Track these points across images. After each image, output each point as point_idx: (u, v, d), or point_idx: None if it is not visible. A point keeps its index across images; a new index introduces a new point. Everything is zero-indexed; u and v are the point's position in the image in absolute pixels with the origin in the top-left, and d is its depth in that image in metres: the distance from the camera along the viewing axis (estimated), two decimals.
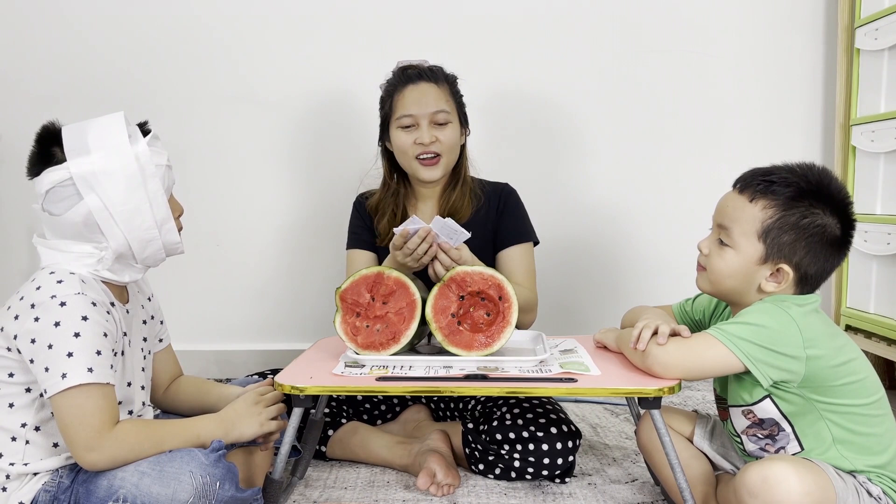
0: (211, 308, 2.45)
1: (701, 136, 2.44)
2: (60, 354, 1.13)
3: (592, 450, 1.78)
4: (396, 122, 1.72)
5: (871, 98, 2.18)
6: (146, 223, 1.23)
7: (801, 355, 1.15)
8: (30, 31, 2.35)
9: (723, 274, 1.24)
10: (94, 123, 1.24)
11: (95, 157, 1.20)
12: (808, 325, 1.17)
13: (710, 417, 1.42)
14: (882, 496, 1.16)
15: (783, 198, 1.18)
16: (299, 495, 1.51)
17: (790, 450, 1.22)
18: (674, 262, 2.38)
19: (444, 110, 1.71)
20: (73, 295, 1.16)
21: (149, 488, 1.13)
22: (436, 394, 1.27)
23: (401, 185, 1.82)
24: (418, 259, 1.50)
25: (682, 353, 1.22)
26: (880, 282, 2.13)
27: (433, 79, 1.73)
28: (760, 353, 1.16)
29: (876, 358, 2.26)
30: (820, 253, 1.19)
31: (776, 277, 1.21)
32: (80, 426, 1.13)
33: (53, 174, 1.20)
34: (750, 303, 1.23)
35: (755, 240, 1.20)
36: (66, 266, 1.21)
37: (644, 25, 2.40)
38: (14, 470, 1.19)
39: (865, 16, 2.19)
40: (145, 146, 1.23)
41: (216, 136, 2.40)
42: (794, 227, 1.18)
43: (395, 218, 1.78)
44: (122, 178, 1.20)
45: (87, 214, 1.20)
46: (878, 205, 2.15)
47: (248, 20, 2.37)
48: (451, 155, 1.74)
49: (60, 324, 1.14)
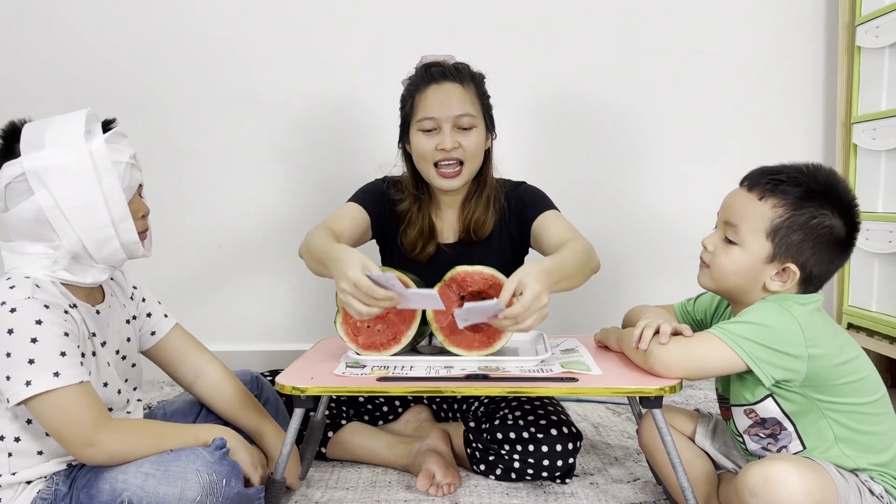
0: (211, 309, 2.45)
1: (701, 135, 2.44)
2: (21, 362, 1.10)
3: (594, 449, 1.78)
4: (417, 124, 1.60)
5: (872, 96, 2.18)
6: (101, 221, 1.19)
7: (803, 354, 1.15)
8: (28, 32, 2.35)
9: (728, 271, 1.23)
10: (54, 120, 1.21)
11: (49, 151, 1.17)
12: (810, 325, 1.16)
13: (711, 416, 1.41)
14: (884, 494, 1.16)
15: (793, 197, 1.17)
16: (301, 496, 1.51)
17: (792, 448, 1.22)
18: (676, 261, 2.38)
19: (469, 114, 1.58)
20: (24, 300, 1.13)
21: (155, 489, 1.12)
22: (437, 394, 1.27)
23: (423, 192, 1.70)
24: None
25: (683, 353, 1.22)
26: (882, 280, 2.13)
27: (458, 78, 1.60)
28: (763, 353, 1.15)
29: (878, 356, 2.25)
30: (826, 253, 1.19)
31: (782, 277, 1.21)
32: (70, 427, 1.12)
33: (9, 169, 1.18)
34: (752, 301, 1.23)
35: (763, 238, 1.19)
36: (23, 270, 1.18)
37: (642, 25, 2.40)
38: (3, 480, 1.17)
39: (866, 13, 2.18)
40: (101, 142, 1.19)
41: (217, 136, 2.40)
42: (804, 227, 1.17)
43: (423, 232, 1.67)
44: (76, 174, 1.17)
45: (38, 210, 1.17)
46: (879, 202, 2.14)
47: (249, 20, 2.37)
48: (474, 162, 1.62)
49: (14, 331, 1.11)
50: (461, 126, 1.59)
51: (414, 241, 1.68)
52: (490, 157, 1.70)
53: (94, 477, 1.17)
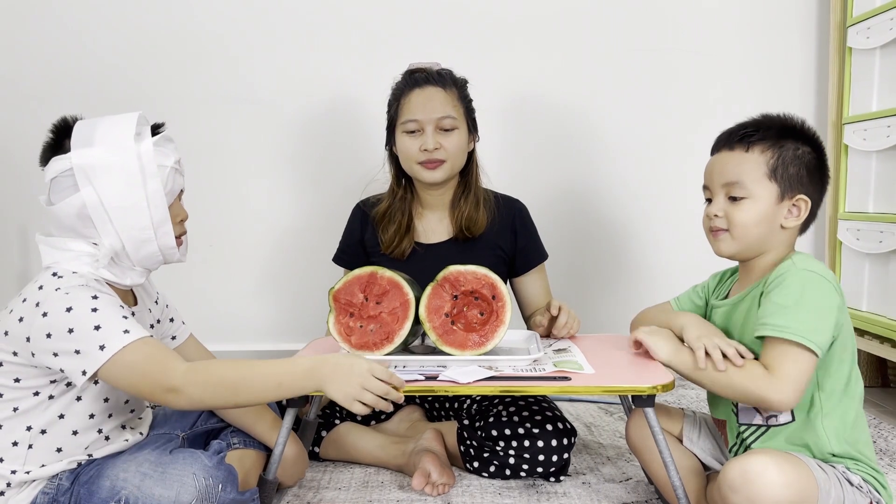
0: (205, 309, 2.43)
1: (692, 136, 2.44)
2: (87, 331, 1.11)
3: (587, 449, 1.78)
4: (402, 126, 1.70)
5: (863, 96, 2.19)
6: (142, 223, 1.21)
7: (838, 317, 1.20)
8: (27, 32, 2.33)
9: (749, 224, 1.25)
10: (106, 119, 1.23)
11: (98, 150, 1.19)
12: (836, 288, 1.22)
13: (695, 415, 1.42)
14: (863, 484, 1.18)
15: (771, 140, 1.25)
16: (293, 496, 1.51)
17: (782, 419, 1.22)
18: (675, 261, 2.38)
19: (451, 116, 1.68)
20: (78, 286, 1.16)
21: (151, 490, 1.12)
22: (430, 393, 1.27)
23: (407, 191, 1.79)
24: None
25: (793, 378, 1.16)
26: (872, 280, 2.13)
27: (440, 83, 1.70)
28: (827, 333, 1.17)
29: (868, 356, 2.27)
30: (817, 181, 1.26)
31: (794, 212, 1.25)
32: (147, 377, 1.12)
33: (57, 163, 1.20)
34: (775, 247, 1.26)
35: (767, 181, 1.24)
36: (66, 265, 1.20)
37: (631, 25, 2.40)
38: (15, 478, 1.18)
39: (857, 14, 2.19)
40: (150, 145, 1.22)
41: (210, 136, 2.39)
42: (794, 159, 1.24)
43: (401, 228, 1.75)
44: (122, 174, 1.19)
45: (81, 207, 1.19)
46: (870, 203, 2.15)
47: (249, 22, 2.36)
48: (455, 160, 1.71)
49: (73, 308, 1.13)
50: (443, 127, 1.68)
51: (391, 238, 1.75)
52: (474, 159, 1.78)
53: (97, 473, 1.18)
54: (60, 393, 1.20)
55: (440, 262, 1.51)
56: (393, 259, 1.75)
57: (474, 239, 1.75)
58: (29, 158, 2.44)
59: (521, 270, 1.81)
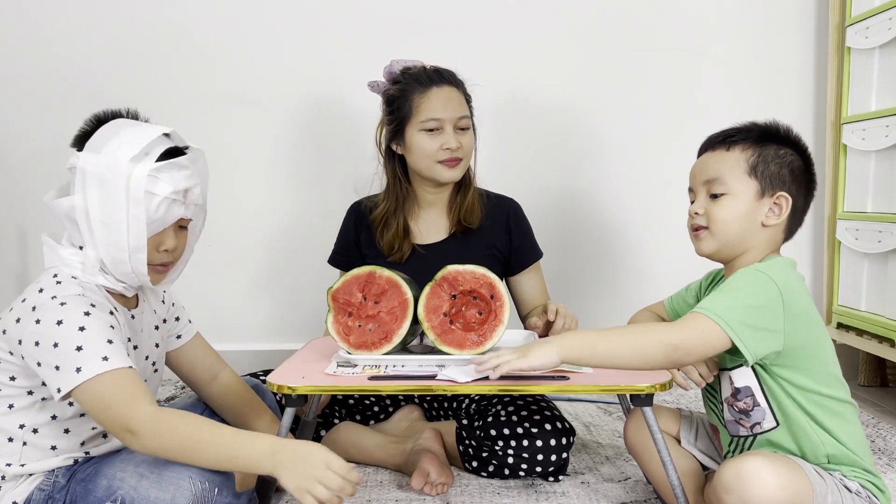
0: (203, 308, 2.42)
1: (691, 136, 2.43)
2: (69, 350, 1.11)
3: (585, 448, 1.78)
4: (420, 124, 1.67)
5: (861, 96, 2.19)
6: (120, 243, 1.19)
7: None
8: (25, 32, 2.33)
9: (728, 220, 1.24)
10: (127, 129, 1.22)
11: (101, 159, 1.18)
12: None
13: (693, 415, 1.42)
14: (861, 490, 1.17)
15: (752, 140, 1.26)
16: (290, 496, 1.50)
17: (766, 425, 1.22)
18: (670, 261, 2.38)
19: (467, 115, 1.72)
20: (74, 296, 1.16)
21: (147, 492, 1.12)
22: (428, 392, 1.27)
23: (404, 193, 1.77)
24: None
25: (690, 328, 1.18)
26: (871, 279, 2.14)
27: (455, 83, 1.72)
28: (749, 321, 1.15)
29: (867, 355, 2.27)
30: (802, 183, 1.26)
31: (775, 210, 1.24)
32: (110, 410, 1.10)
33: (72, 158, 1.21)
34: (755, 246, 1.25)
35: (747, 178, 1.24)
36: (66, 270, 1.21)
37: (630, 25, 2.40)
38: (10, 471, 1.18)
39: (856, 14, 2.19)
40: (144, 170, 1.18)
41: (209, 136, 2.38)
42: (775, 157, 1.25)
43: (399, 233, 1.75)
44: (109, 191, 1.18)
45: (70, 209, 1.19)
46: (868, 203, 2.16)
47: (245, 22, 2.36)
48: (469, 159, 1.75)
49: (63, 322, 1.13)
50: (460, 126, 1.70)
51: (391, 242, 1.75)
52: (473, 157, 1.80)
53: (94, 472, 1.18)
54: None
55: (438, 261, 1.51)
56: (391, 262, 1.75)
57: (471, 234, 1.76)
58: (28, 158, 2.46)
59: (516, 269, 1.81)
